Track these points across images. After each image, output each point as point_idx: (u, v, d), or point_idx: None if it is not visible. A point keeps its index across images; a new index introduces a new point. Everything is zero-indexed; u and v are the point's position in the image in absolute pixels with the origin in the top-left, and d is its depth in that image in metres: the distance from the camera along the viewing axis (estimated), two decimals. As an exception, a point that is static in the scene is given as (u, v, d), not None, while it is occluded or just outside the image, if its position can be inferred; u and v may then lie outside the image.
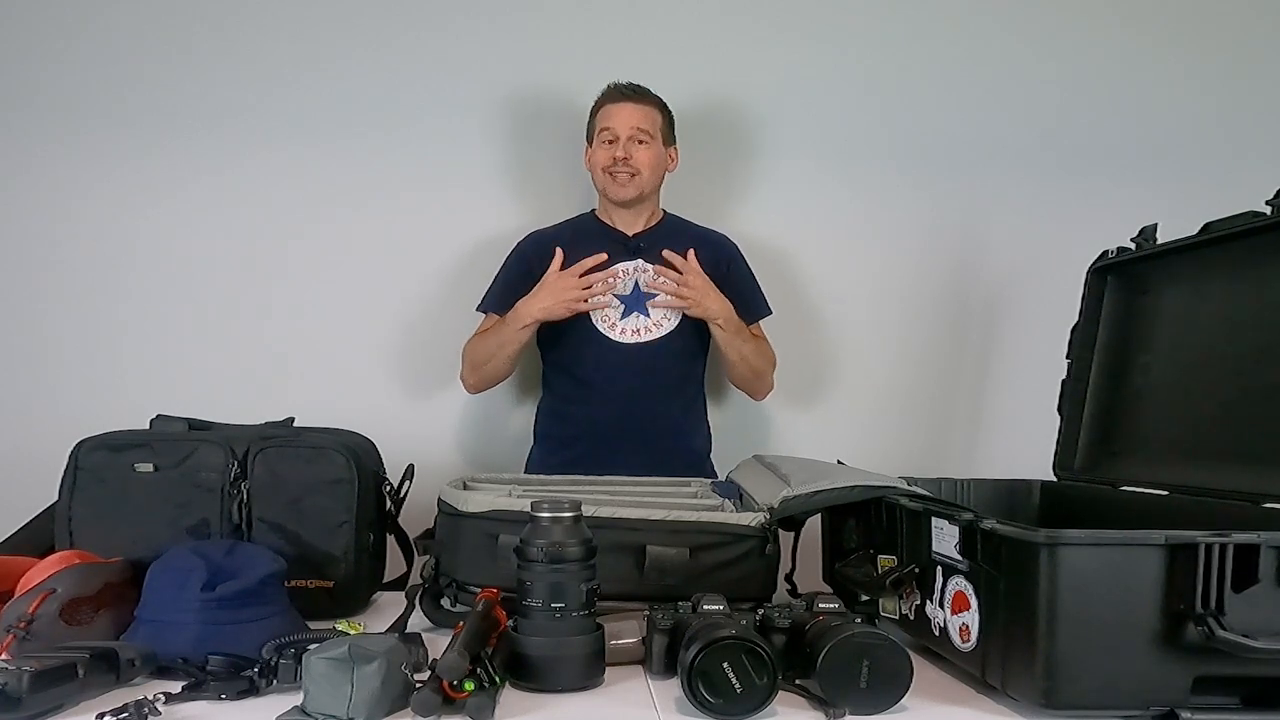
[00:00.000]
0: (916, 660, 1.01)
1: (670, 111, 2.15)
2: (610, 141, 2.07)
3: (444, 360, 2.30)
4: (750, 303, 2.18)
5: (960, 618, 1.06)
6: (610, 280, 2.04)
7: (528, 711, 0.98)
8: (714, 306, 2.01)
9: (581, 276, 2.00)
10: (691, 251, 2.03)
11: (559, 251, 2.02)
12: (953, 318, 2.47)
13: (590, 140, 2.15)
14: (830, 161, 2.43)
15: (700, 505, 1.45)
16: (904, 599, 1.20)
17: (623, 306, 2.08)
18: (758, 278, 2.21)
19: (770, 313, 2.20)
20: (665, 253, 2.02)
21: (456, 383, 2.21)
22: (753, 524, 1.29)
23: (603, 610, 1.10)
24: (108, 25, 2.28)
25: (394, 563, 1.56)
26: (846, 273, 2.44)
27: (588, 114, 2.17)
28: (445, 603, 1.31)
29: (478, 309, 2.16)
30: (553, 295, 1.99)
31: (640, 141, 2.07)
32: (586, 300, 2.00)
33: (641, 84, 2.13)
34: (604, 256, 2.03)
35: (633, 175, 2.07)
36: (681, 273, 2.00)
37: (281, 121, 2.31)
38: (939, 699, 1.03)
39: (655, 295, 2.09)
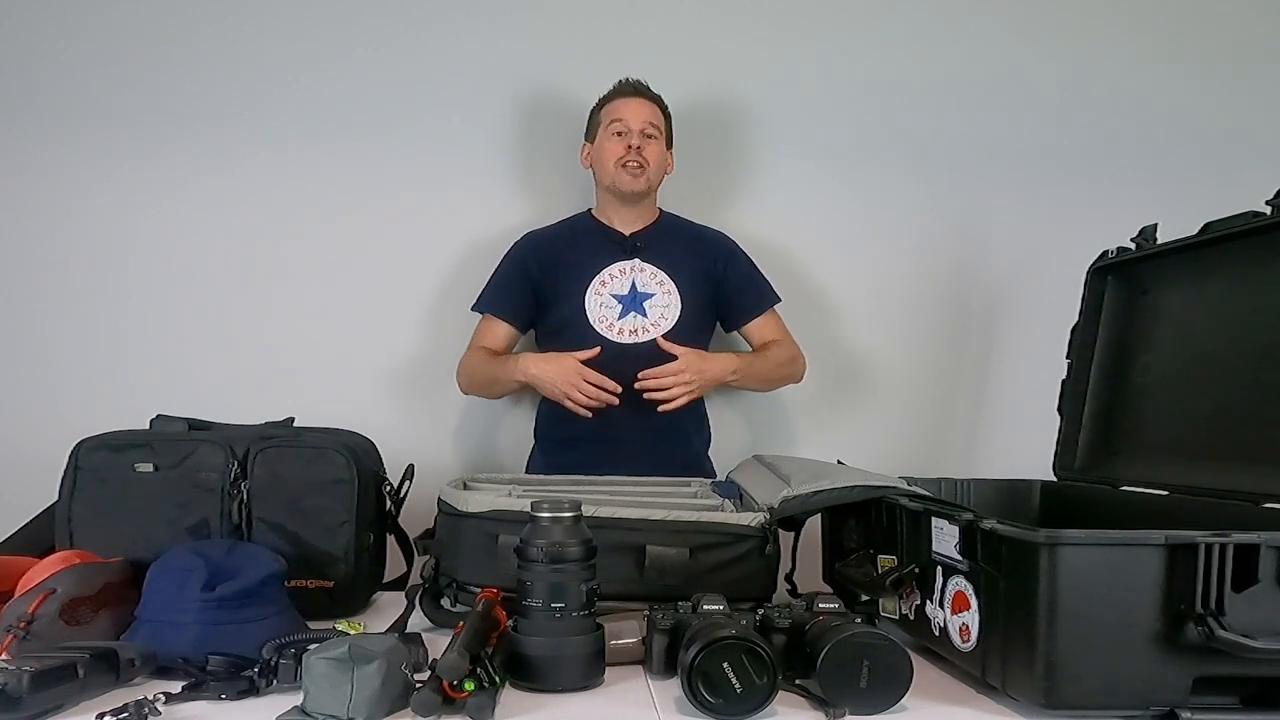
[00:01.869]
0: (916, 660, 1.01)
1: (671, 115, 2.16)
2: (620, 134, 2.08)
3: (444, 361, 2.29)
4: (756, 295, 2.19)
5: (960, 618, 1.06)
6: (605, 398, 1.93)
7: (528, 711, 0.98)
8: (715, 371, 2.00)
9: (593, 383, 1.93)
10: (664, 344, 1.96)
11: (598, 350, 1.96)
12: (953, 318, 2.47)
13: (591, 137, 2.15)
14: (830, 161, 2.43)
15: (700, 505, 1.45)
16: (904, 599, 1.20)
17: (620, 306, 2.08)
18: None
19: (779, 300, 2.20)
20: (641, 375, 1.95)
21: (456, 383, 2.21)
22: (753, 524, 1.29)
23: (603, 610, 1.11)
24: (108, 25, 2.27)
25: (394, 563, 1.56)
26: (846, 273, 2.44)
27: (588, 113, 2.17)
28: (445, 603, 1.31)
29: (473, 309, 2.16)
30: (558, 375, 1.94)
31: (649, 136, 2.09)
32: (576, 401, 1.93)
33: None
34: (619, 389, 1.93)
35: (642, 168, 2.07)
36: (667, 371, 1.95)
37: (281, 122, 2.31)
38: (939, 699, 1.03)
39: (652, 295, 2.09)
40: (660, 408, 1.97)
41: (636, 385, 1.96)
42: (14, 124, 2.26)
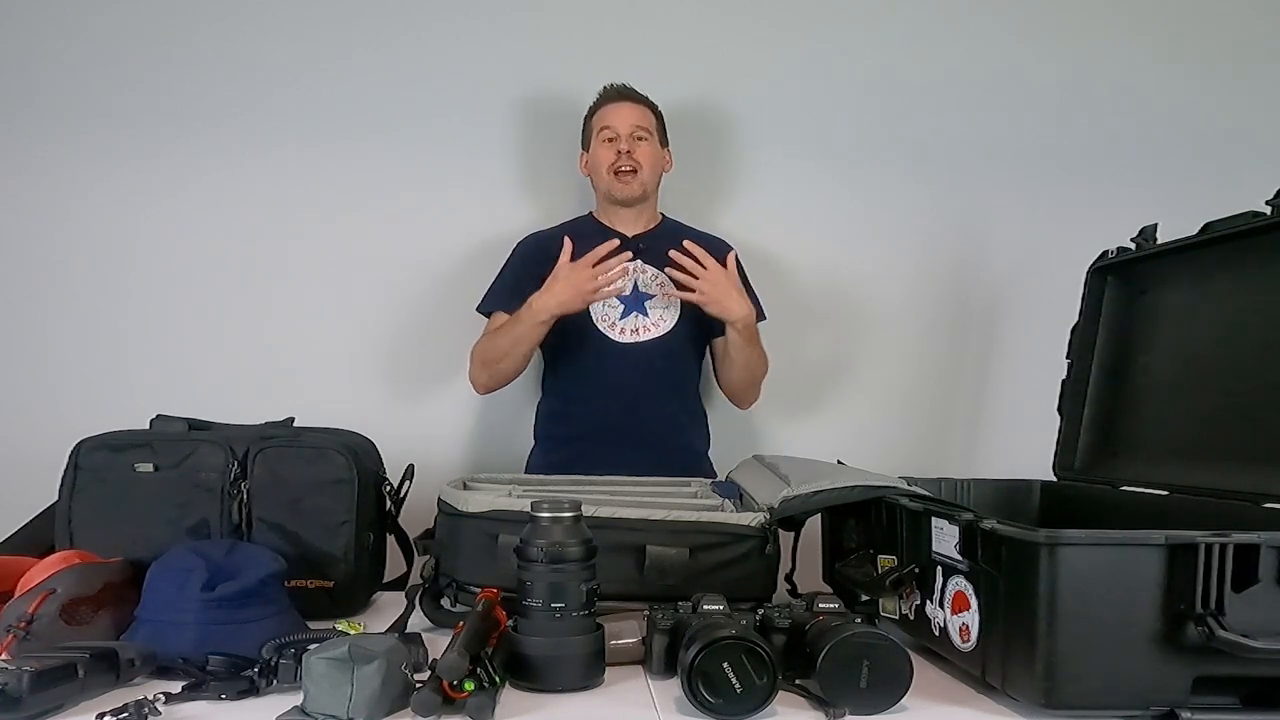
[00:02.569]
0: (916, 660, 1.01)
1: (661, 114, 2.17)
2: (611, 140, 2.09)
3: (444, 360, 2.30)
4: None
5: (960, 618, 1.06)
6: (625, 267, 1.94)
7: (528, 711, 0.98)
8: (736, 309, 1.94)
9: (595, 265, 1.91)
10: (730, 259, 1.97)
11: (568, 242, 1.93)
12: (953, 318, 2.47)
13: (586, 145, 2.16)
14: (830, 162, 2.43)
15: (700, 505, 1.45)
16: (904, 599, 1.20)
17: (622, 306, 2.08)
18: (758, 278, 2.20)
19: (764, 318, 2.19)
20: (686, 243, 1.93)
21: (456, 382, 2.21)
22: (753, 524, 1.29)
23: (603, 610, 1.10)
24: (108, 25, 2.28)
25: (394, 563, 1.56)
26: (846, 273, 2.44)
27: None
28: (445, 603, 1.31)
29: (478, 310, 2.15)
30: (569, 287, 1.91)
31: (640, 139, 2.09)
32: (600, 290, 1.91)
33: (640, 86, 2.15)
34: (616, 242, 1.94)
35: (634, 171, 2.08)
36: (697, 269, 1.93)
37: (282, 122, 2.31)
38: (939, 699, 1.03)
39: (654, 296, 2.09)
40: (669, 270, 1.95)
41: (671, 254, 1.93)
42: (14, 124, 2.26)
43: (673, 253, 1.94)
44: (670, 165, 2.20)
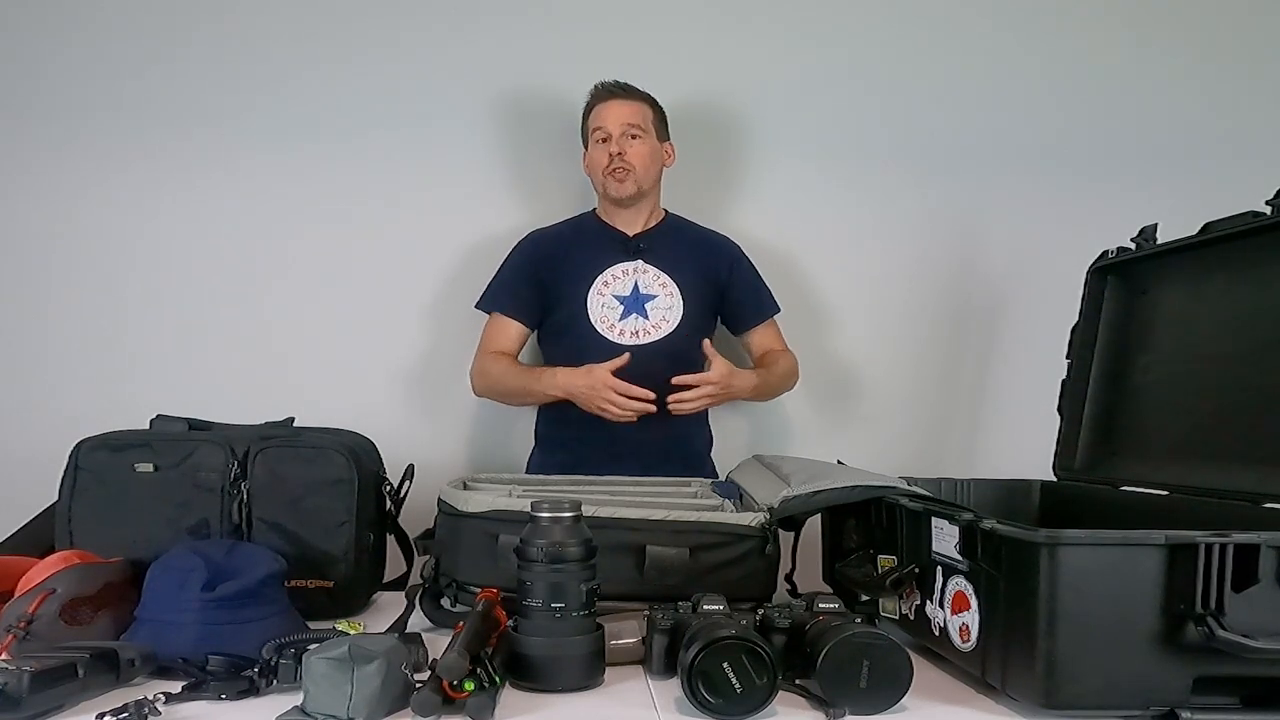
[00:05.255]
0: (916, 660, 1.01)
1: (660, 107, 2.15)
2: (604, 140, 2.08)
3: (444, 360, 2.30)
4: (758, 303, 2.19)
5: (960, 618, 1.06)
6: (640, 407, 1.91)
7: (528, 711, 0.98)
8: (739, 387, 1.98)
9: (627, 395, 1.90)
10: (710, 361, 1.93)
11: (627, 356, 1.92)
12: (953, 318, 2.47)
13: (585, 144, 2.16)
14: (831, 162, 2.43)
15: (700, 505, 1.45)
16: (904, 599, 1.20)
17: (621, 307, 2.08)
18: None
19: (779, 310, 2.20)
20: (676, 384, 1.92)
21: (457, 383, 2.21)
22: (753, 524, 1.29)
23: (603, 610, 1.11)
24: (109, 25, 2.27)
25: (394, 563, 1.56)
26: (847, 273, 2.44)
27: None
28: (445, 603, 1.32)
29: (478, 306, 2.15)
30: (591, 392, 1.91)
31: (633, 136, 2.07)
32: (613, 415, 1.92)
33: (644, 83, 2.14)
34: (652, 395, 1.90)
35: (629, 170, 2.07)
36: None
37: (282, 122, 2.31)
38: (939, 699, 1.03)
39: (655, 297, 2.09)
40: (672, 409, 1.94)
41: (672, 381, 1.93)
42: (15, 123, 2.26)
43: (675, 381, 1.92)
44: (672, 159, 2.18)
